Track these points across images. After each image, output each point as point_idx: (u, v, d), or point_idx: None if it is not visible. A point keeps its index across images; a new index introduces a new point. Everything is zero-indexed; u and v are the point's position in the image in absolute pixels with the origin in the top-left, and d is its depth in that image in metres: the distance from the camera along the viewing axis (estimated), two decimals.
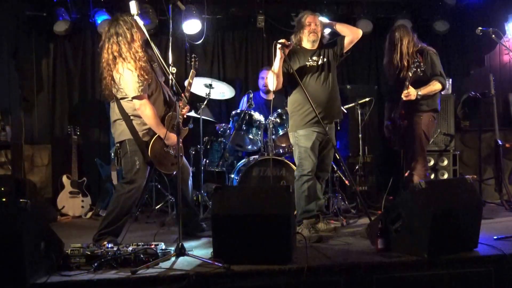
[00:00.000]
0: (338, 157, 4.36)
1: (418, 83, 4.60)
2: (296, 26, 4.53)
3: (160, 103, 4.06)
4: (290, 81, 4.42)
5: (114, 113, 4.00)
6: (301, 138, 4.39)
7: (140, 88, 3.82)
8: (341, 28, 4.54)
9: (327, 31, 4.68)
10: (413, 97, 4.58)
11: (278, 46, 4.21)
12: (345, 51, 4.51)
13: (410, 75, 4.53)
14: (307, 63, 4.40)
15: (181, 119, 4.06)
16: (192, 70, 4.51)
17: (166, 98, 4.13)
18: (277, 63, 4.27)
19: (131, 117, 3.93)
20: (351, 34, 4.48)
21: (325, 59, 4.44)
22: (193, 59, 4.54)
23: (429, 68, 4.66)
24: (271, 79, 4.38)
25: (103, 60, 3.90)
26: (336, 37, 4.60)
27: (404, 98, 4.58)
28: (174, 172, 4.13)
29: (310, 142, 4.34)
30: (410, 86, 4.56)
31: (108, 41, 3.87)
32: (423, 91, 4.59)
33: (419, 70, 4.51)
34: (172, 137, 3.96)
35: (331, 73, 4.45)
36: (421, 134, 4.69)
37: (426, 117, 4.70)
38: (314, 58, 4.43)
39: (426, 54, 4.68)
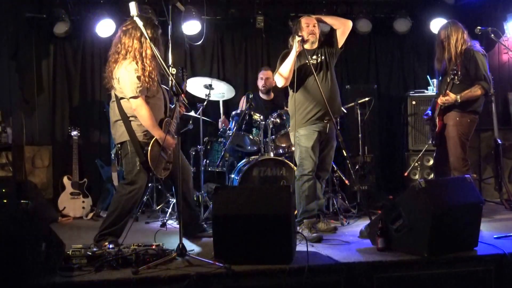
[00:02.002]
0: (345, 154, 4.37)
1: (460, 84, 4.53)
2: (293, 29, 4.53)
3: (160, 107, 4.06)
4: (292, 81, 4.43)
5: (114, 113, 4.00)
6: (302, 138, 4.40)
7: (139, 89, 3.82)
8: (332, 21, 4.59)
9: (324, 28, 4.68)
10: (450, 103, 4.54)
11: (298, 39, 4.25)
12: (339, 46, 4.53)
13: (448, 80, 4.50)
14: (307, 62, 4.42)
15: (175, 122, 4.08)
16: (184, 83, 4.59)
17: (166, 103, 4.14)
18: (292, 55, 4.28)
19: (130, 118, 3.92)
20: (341, 26, 4.52)
21: (323, 57, 4.46)
22: (182, 72, 4.65)
23: (473, 70, 4.53)
24: (278, 75, 4.39)
25: (114, 50, 3.92)
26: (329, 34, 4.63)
27: (440, 103, 4.58)
28: (164, 177, 4.15)
29: (311, 142, 4.35)
30: (449, 92, 4.51)
31: (130, 34, 3.87)
32: (463, 96, 4.50)
33: (456, 78, 4.45)
34: (169, 139, 3.97)
35: (330, 71, 4.46)
36: (462, 135, 4.58)
37: (466, 118, 4.59)
38: (314, 57, 4.44)
39: (471, 55, 4.54)
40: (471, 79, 4.54)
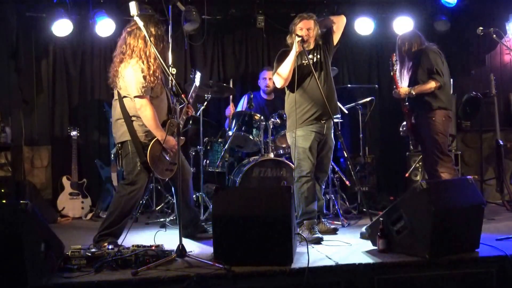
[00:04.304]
0: (345, 154, 4.35)
1: (419, 82, 4.71)
2: (290, 28, 4.49)
3: (163, 108, 4.05)
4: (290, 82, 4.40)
5: (116, 112, 3.99)
6: (299, 139, 4.36)
7: (143, 89, 3.82)
8: (326, 22, 4.60)
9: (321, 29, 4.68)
10: (402, 96, 4.76)
11: (298, 39, 4.23)
12: (335, 42, 4.52)
13: (391, 74, 4.81)
14: (304, 62, 4.39)
15: (181, 123, 4.08)
16: (195, 84, 4.57)
17: (170, 104, 4.12)
18: (292, 55, 4.26)
19: (132, 118, 3.91)
20: (336, 22, 4.53)
21: (318, 56, 4.44)
22: (197, 75, 4.65)
23: (426, 65, 4.70)
24: (277, 76, 4.36)
25: (119, 51, 3.92)
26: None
27: (394, 95, 4.84)
28: (167, 179, 4.13)
29: (309, 143, 4.33)
30: (400, 86, 4.76)
31: (135, 35, 3.87)
32: (416, 89, 4.68)
33: (393, 69, 4.83)
34: (170, 141, 3.95)
35: (326, 70, 4.44)
36: (438, 134, 4.64)
37: (438, 116, 4.65)
38: (309, 56, 4.41)
39: (423, 52, 4.72)
40: (427, 75, 4.70)
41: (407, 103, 4.91)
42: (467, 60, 6.78)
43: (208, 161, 5.63)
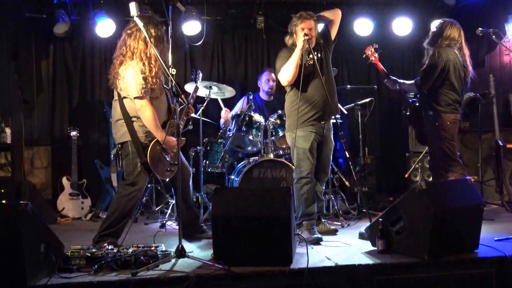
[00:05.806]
0: (347, 155, 4.34)
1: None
2: (290, 28, 4.48)
3: (163, 109, 4.05)
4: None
5: (116, 113, 3.99)
6: (298, 139, 4.35)
7: (143, 90, 3.82)
8: (324, 16, 4.60)
9: (321, 26, 4.67)
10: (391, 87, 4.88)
11: (306, 37, 4.22)
12: (333, 37, 4.53)
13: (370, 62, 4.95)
14: (305, 62, 4.38)
15: (182, 124, 4.08)
16: (196, 85, 4.56)
17: (170, 105, 4.13)
18: (297, 53, 4.25)
19: (133, 119, 3.91)
20: (331, 16, 4.54)
21: (319, 55, 4.43)
22: (199, 75, 4.66)
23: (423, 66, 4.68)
24: (283, 73, 4.33)
25: (119, 53, 3.92)
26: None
27: (390, 87, 4.96)
28: (167, 179, 4.14)
29: (308, 143, 4.32)
30: (386, 71, 4.91)
31: (135, 36, 3.87)
32: (401, 84, 4.82)
33: (372, 58, 4.94)
34: (171, 141, 3.96)
35: (327, 68, 4.44)
36: (444, 141, 4.47)
37: (444, 121, 4.47)
38: (310, 56, 4.40)
39: (432, 53, 4.57)
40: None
41: (415, 99, 4.90)
42: None
43: (208, 162, 5.63)
